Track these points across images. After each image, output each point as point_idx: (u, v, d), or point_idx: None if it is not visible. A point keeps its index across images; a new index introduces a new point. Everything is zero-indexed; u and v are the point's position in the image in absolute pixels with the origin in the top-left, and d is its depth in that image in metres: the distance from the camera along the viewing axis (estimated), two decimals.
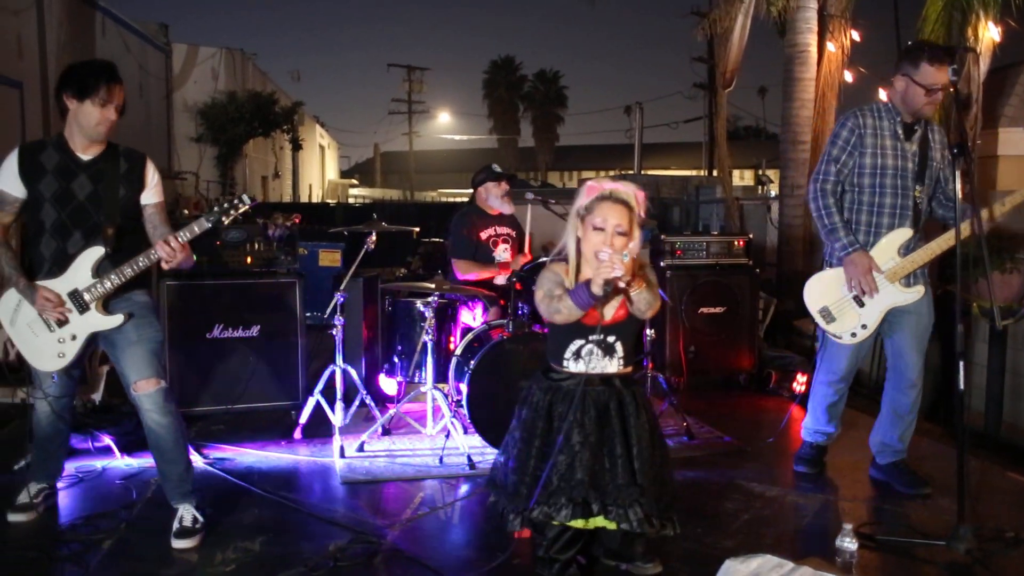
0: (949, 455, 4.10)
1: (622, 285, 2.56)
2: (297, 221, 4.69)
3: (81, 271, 3.07)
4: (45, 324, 3.10)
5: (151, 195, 3.20)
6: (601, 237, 2.61)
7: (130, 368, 3.13)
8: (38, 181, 3.05)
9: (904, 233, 3.57)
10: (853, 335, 3.63)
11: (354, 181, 40.95)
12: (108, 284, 3.06)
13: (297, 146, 24.49)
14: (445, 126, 46.24)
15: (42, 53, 11.14)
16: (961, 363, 2.99)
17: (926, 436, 4.55)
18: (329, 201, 29.48)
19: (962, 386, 3.00)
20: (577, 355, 2.72)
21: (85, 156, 3.10)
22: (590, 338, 2.70)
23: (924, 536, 3.14)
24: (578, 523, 2.67)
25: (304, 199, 27.91)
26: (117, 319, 3.11)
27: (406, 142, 40.50)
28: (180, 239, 3.02)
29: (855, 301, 3.60)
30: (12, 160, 3.06)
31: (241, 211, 3.13)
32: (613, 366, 2.74)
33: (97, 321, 3.10)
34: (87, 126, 3.03)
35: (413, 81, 39.69)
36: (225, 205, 3.12)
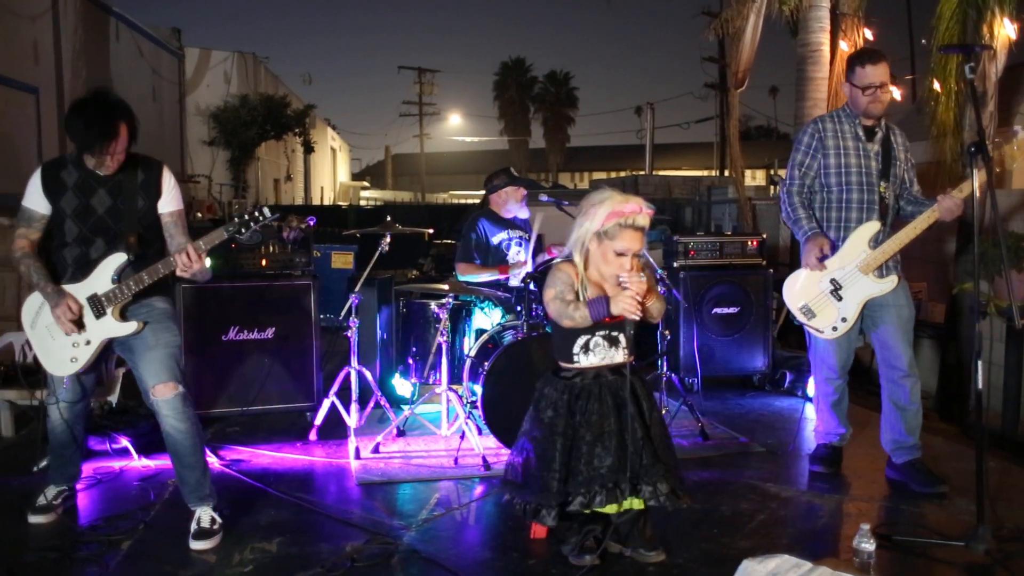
0: (965, 455, 4.09)
1: (637, 317, 2.77)
2: (312, 224, 4.71)
3: (102, 277, 3.10)
4: (61, 328, 3.12)
5: (167, 203, 3.22)
6: (621, 262, 2.79)
7: (148, 373, 3.15)
8: (60, 198, 3.10)
9: (873, 226, 3.70)
10: (834, 329, 3.73)
11: (365, 183, 41.08)
12: (126, 290, 3.09)
13: (309, 149, 24.61)
14: (456, 128, 46.35)
15: (58, 59, 11.25)
16: (979, 363, 2.98)
17: (941, 436, 4.53)
18: (341, 203, 29.58)
19: (980, 386, 3.00)
20: (586, 348, 2.89)
21: (102, 171, 3.12)
22: (596, 332, 2.88)
23: (942, 536, 3.13)
24: (612, 508, 2.80)
25: (316, 201, 28.04)
26: (131, 326, 3.13)
27: (417, 144, 40.62)
28: (198, 249, 3.05)
29: (832, 296, 3.70)
30: (36, 179, 3.12)
31: (261, 224, 3.16)
32: (620, 356, 2.91)
33: (112, 327, 3.13)
34: (94, 166, 3.08)
35: (424, 83, 39.75)
36: (246, 217, 3.14)
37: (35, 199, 3.12)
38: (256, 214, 3.15)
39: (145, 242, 3.16)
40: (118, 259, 3.10)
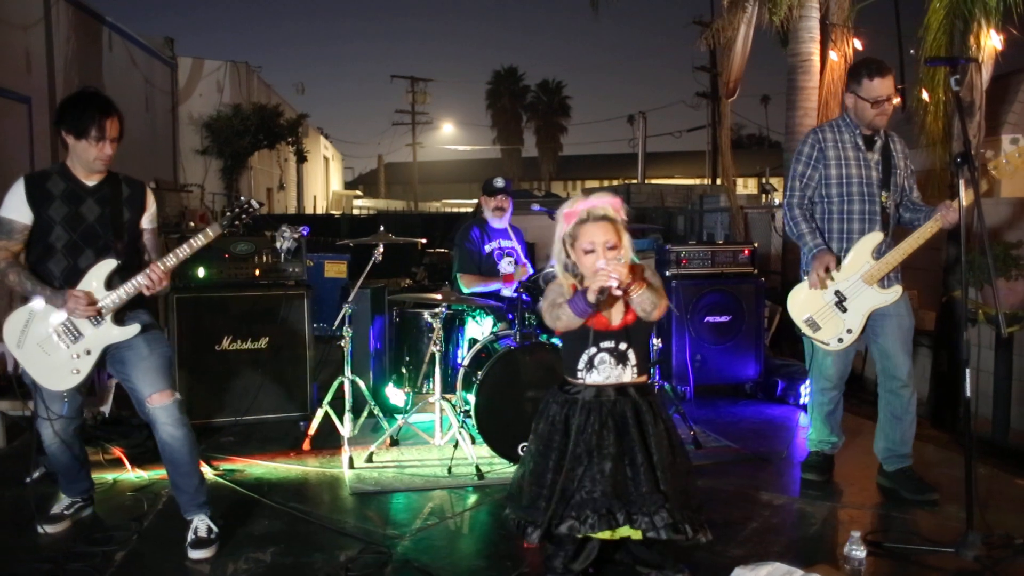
0: (956, 462, 4.10)
1: (618, 292, 2.63)
2: (305, 234, 4.72)
3: (93, 284, 3.07)
4: (58, 341, 3.09)
5: (149, 220, 3.27)
6: (593, 258, 2.68)
7: (143, 382, 3.13)
8: (47, 207, 3.08)
9: (875, 237, 3.69)
10: (840, 340, 3.71)
11: (358, 192, 41.12)
12: (122, 295, 3.07)
13: (302, 158, 24.61)
14: (448, 137, 46.45)
15: (50, 68, 11.24)
16: (967, 370, 3.01)
17: (932, 443, 4.56)
18: (334, 212, 29.57)
19: (968, 393, 3.03)
20: (590, 364, 2.76)
21: (89, 182, 3.14)
22: (601, 346, 2.74)
23: (932, 543, 3.15)
24: (604, 534, 2.68)
25: (309, 211, 28.01)
26: (133, 329, 3.12)
27: (410, 153, 40.65)
28: (163, 267, 3.06)
29: (837, 307, 3.69)
30: (19, 189, 3.07)
31: (251, 214, 3.21)
32: (627, 375, 2.77)
33: (113, 333, 3.11)
34: (85, 161, 3.08)
35: (416, 92, 39.82)
36: (237, 211, 3.19)
37: (16, 209, 3.06)
38: (246, 206, 3.21)
39: (129, 252, 3.17)
40: (108, 265, 3.09)
